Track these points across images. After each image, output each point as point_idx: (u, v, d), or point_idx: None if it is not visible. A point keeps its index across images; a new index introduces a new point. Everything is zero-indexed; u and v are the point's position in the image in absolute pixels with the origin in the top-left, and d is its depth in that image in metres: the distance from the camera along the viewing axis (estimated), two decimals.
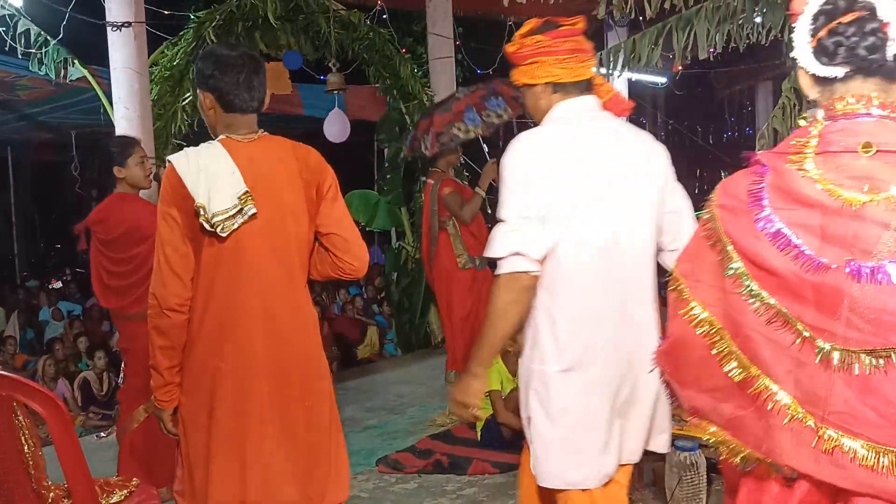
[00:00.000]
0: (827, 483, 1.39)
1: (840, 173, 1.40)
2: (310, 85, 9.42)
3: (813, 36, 1.47)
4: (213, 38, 6.59)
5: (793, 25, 1.52)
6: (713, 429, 1.53)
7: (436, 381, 6.64)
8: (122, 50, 6.09)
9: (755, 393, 1.44)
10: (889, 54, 1.44)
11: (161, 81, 6.47)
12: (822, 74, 1.48)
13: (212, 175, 2.47)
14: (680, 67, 10.40)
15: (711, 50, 5.14)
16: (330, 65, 7.51)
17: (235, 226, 2.46)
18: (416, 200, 8.50)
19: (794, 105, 4.71)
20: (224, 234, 2.45)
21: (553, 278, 2.26)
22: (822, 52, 1.46)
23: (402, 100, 8.16)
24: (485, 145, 6.37)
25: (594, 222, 2.26)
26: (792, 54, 1.52)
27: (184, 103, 6.48)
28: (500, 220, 2.28)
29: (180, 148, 6.21)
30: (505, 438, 4.86)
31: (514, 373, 4.97)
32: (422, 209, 6.31)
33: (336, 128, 7.77)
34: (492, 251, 2.26)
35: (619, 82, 10.91)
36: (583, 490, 2.26)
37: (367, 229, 9.89)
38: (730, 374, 1.47)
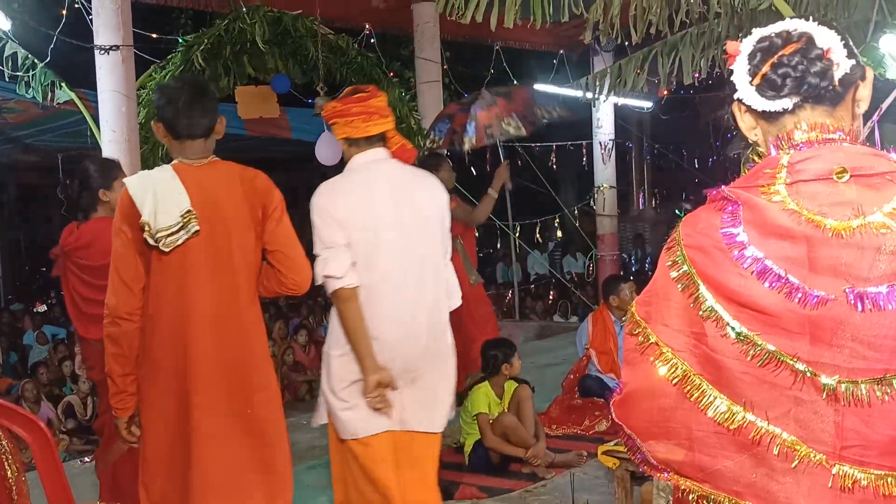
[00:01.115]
0: None
1: (818, 202, 1.37)
2: (298, 108, 9.45)
3: (754, 74, 1.46)
4: (201, 61, 6.62)
5: (730, 68, 1.52)
6: (688, 482, 1.43)
7: None
8: (109, 73, 6.10)
9: (755, 439, 1.36)
10: (836, 80, 1.43)
11: (148, 104, 6.49)
12: (771, 109, 1.46)
13: (159, 195, 2.71)
14: (665, 92, 10.50)
15: (696, 75, 5.19)
16: (318, 88, 7.54)
17: (179, 241, 2.70)
18: None
19: None
20: (166, 250, 2.69)
21: None
22: (769, 87, 1.44)
23: None
24: (500, 149, 6.68)
25: (383, 245, 2.96)
26: (735, 96, 1.52)
27: None
28: (315, 254, 2.97)
29: None
30: (493, 462, 4.85)
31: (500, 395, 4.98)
32: None
33: (328, 151, 7.77)
34: (315, 280, 2.94)
35: (606, 106, 11.01)
36: (357, 440, 3.05)
37: None
38: (719, 422, 1.38)
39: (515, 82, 10.56)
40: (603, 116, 11.32)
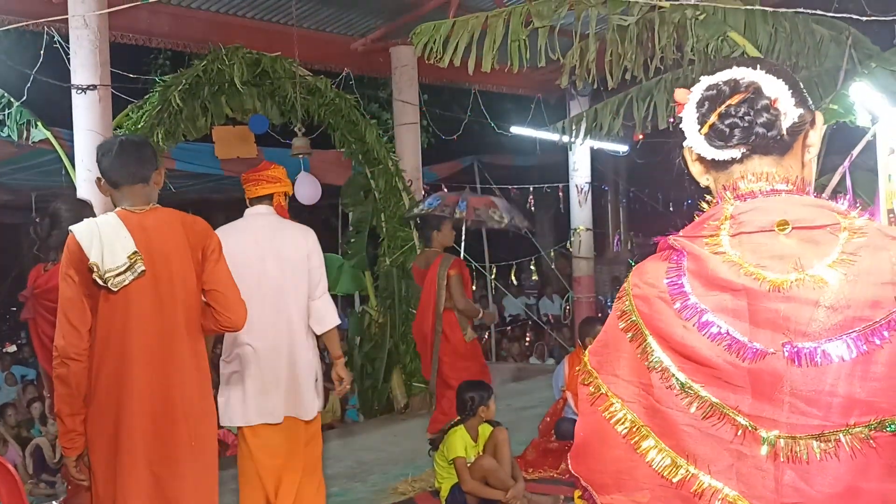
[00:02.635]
0: None
1: (760, 254, 1.37)
2: (275, 149, 9.44)
3: (702, 123, 1.47)
4: (178, 101, 6.61)
5: (679, 115, 1.52)
6: None
7: (398, 447, 6.55)
8: (86, 112, 6.08)
9: (698, 492, 1.34)
10: (783, 129, 1.43)
11: None
12: (719, 158, 1.46)
13: (105, 238, 2.90)
14: (641, 136, 10.62)
15: (671, 120, 5.25)
16: (296, 129, 7.56)
17: (126, 282, 2.87)
18: (379, 265, 8.50)
19: None
20: (115, 289, 2.86)
21: None
22: (717, 136, 1.44)
23: (368, 164, 8.22)
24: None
25: (247, 275, 3.66)
26: (685, 143, 1.52)
27: None
28: None
29: None
30: None
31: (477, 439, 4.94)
32: (413, 278, 6.74)
33: (307, 190, 7.77)
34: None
35: (582, 150, 11.11)
36: (242, 427, 4.01)
37: (331, 293, 9.84)
38: (664, 475, 1.36)
39: (493, 125, 10.67)
40: (579, 160, 11.41)
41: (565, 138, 6.56)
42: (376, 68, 9.35)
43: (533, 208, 13.67)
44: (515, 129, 11.27)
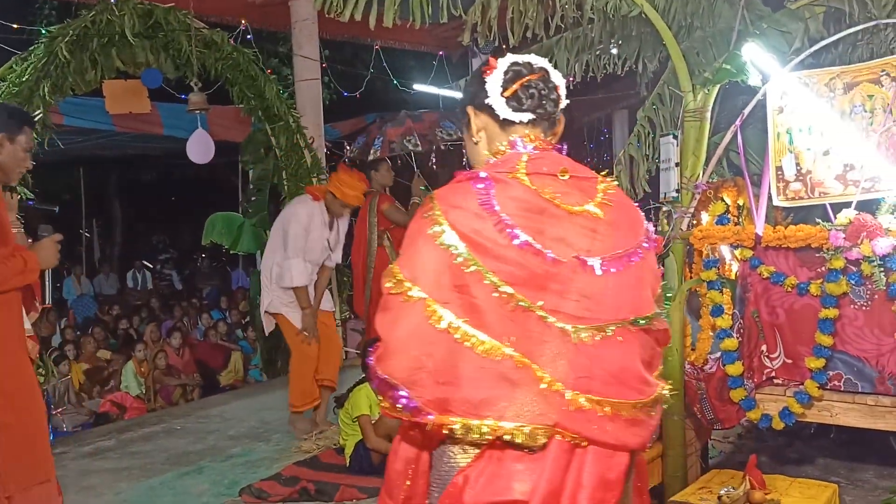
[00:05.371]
0: (570, 438, 1.69)
1: (552, 188, 1.76)
2: (170, 104, 9.15)
3: (505, 88, 1.85)
4: (65, 53, 6.30)
5: (485, 78, 1.87)
6: (454, 418, 1.65)
7: None
8: None
9: (515, 368, 1.65)
10: (559, 110, 1.90)
11: (9, 98, 6.14)
12: (513, 119, 1.85)
13: None
14: None
15: (570, 78, 5.31)
16: (191, 84, 7.32)
17: None
18: None
19: (648, 133, 4.93)
20: None
21: None
22: (516, 101, 1.84)
23: (268, 121, 8.04)
24: (413, 163, 7.79)
25: None
26: (475, 102, 1.89)
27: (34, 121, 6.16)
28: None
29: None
30: (374, 464, 4.82)
31: None
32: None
33: (200, 148, 7.56)
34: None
35: None
36: None
37: (232, 252, 9.67)
38: (484, 356, 1.64)
39: (395, 82, 10.57)
40: None
41: None
42: (275, 22, 9.11)
43: (435, 166, 13.67)
44: (418, 87, 11.21)
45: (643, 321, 1.76)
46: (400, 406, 1.67)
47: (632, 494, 1.87)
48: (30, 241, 3.30)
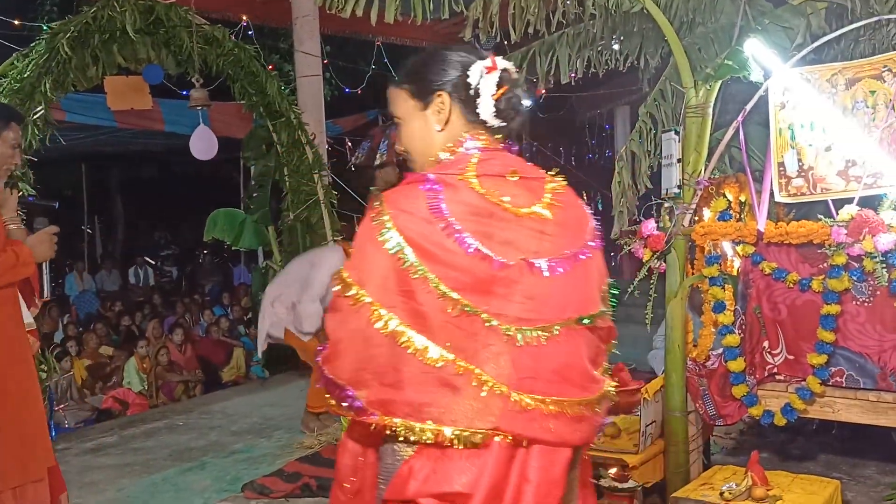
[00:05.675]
0: (515, 438, 1.71)
1: (500, 191, 1.77)
2: (172, 101, 9.14)
3: (495, 91, 1.86)
4: (67, 49, 6.29)
5: (473, 73, 1.88)
6: (397, 420, 1.69)
7: (303, 402, 6.52)
8: None
9: (456, 374, 1.68)
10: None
11: (10, 94, 6.13)
12: (489, 123, 1.88)
13: None
14: (543, 91, 10.68)
15: (572, 75, 5.30)
16: (193, 80, 7.32)
17: None
18: (283, 219, 8.38)
19: (650, 129, 4.92)
20: None
21: None
22: (495, 106, 1.86)
23: (269, 117, 8.03)
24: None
25: None
26: (470, 97, 1.88)
27: (35, 117, 6.15)
28: None
29: (31, 164, 5.94)
30: None
31: None
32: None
33: (203, 145, 7.56)
34: None
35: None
36: None
37: (234, 248, 9.67)
38: (427, 363, 1.67)
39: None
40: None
41: None
42: (276, 18, 9.11)
43: None
44: None
45: (587, 320, 1.79)
46: (345, 405, 1.72)
47: (577, 487, 1.91)
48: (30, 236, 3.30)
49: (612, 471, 3.90)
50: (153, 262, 18.30)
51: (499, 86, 1.86)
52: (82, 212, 16.72)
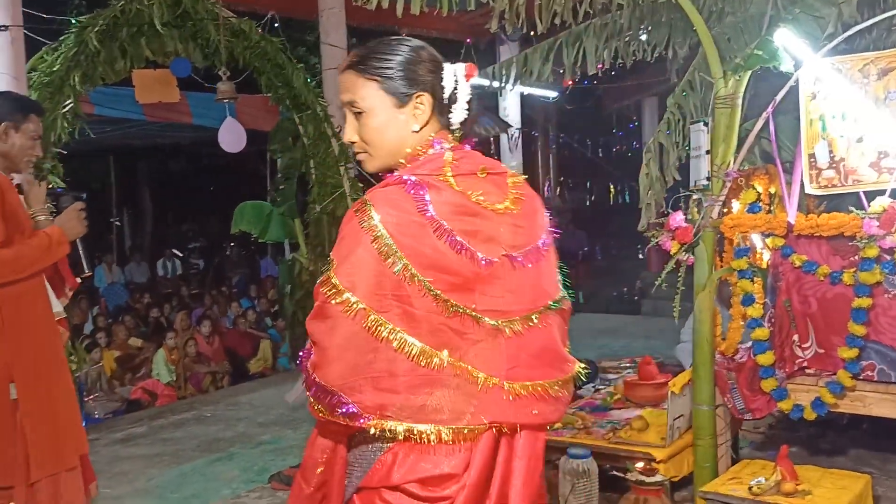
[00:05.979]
0: (499, 428, 1.78)
1: (475, 189, 1.80)
2: (199, 93, 9.19)
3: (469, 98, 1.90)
4: (95, 43, 6.35)
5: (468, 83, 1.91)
6: (391, 423, 1.70)
7: None
8: None
9: (454, 373, 1.71)
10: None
11: (40, 87, 6.20)
12: (454, 121, 1.90)
13: None
14: (570, 82, 10.62)
15: (599, 66, 5.26)
16: (220, 73, 7.35)
17: None
18: (309, 212, 8.41)
19: (679, 120, 4.87)
20: None
21: None
22: (466, 110, 1.90)
23: (296, 109, 8.06)
24: None
25: None
26: (446, 101, 1.88)
27: (64, 111, 6.21)
28: None
29: (61, 157, 6.00)
30: None
31: None
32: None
33: (231, 137, 7.60)
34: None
35: (512, 96, 11.08)
36: None
37: (260, 241, 9.72)
38: (420, 363, 1.69)
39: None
40: (510, 105, 11.39)
41: (495, 84, 6.53)
42: (303, 10, 9.12)
43: None
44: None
45: (555, 304, 1.88)
46: (340, 412, 1.71)
47: None
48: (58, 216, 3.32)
49: (640, 465, 3.88)
50: (181, 255, 18.46)
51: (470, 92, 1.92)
52: (111, 204, 16.89)
